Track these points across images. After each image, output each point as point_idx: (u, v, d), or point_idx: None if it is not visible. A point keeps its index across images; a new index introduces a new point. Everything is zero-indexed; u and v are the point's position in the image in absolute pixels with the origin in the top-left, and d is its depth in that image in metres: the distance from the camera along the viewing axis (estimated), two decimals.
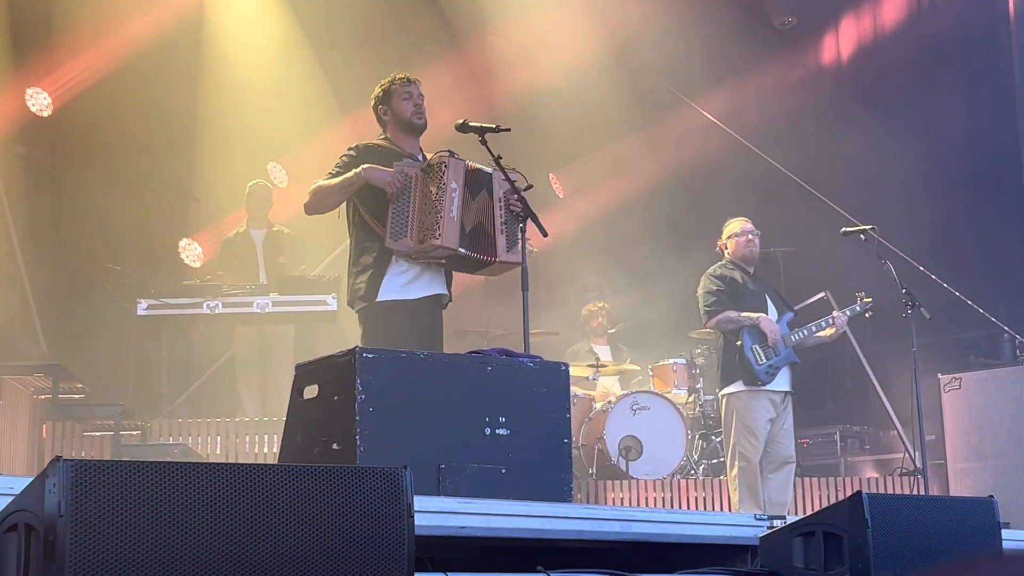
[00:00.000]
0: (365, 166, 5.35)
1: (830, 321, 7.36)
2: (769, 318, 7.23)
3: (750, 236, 7.45)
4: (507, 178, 5.37)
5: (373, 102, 5.67)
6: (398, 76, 5.67)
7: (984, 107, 10.38)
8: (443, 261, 5.45)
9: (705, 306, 7.36)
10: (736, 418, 7.21)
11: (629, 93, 11.00)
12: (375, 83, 5.78)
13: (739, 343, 7.18)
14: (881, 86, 10.78)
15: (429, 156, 5.53)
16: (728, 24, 10.87)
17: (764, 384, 7.14)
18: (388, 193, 5.30)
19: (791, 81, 11.40)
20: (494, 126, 5.49)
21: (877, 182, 10.10)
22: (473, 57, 10.64)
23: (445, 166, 5.30)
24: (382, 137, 5.65)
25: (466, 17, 10.60)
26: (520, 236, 5.39)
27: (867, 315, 7.48)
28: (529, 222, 5.37)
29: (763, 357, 7.14)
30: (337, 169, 5.44)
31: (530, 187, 5.43)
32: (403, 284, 5.40)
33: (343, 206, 5.53)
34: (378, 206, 5.38)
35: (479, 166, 5.45)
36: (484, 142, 5.43)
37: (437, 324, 5.55)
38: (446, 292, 5.58)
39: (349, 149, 5.53)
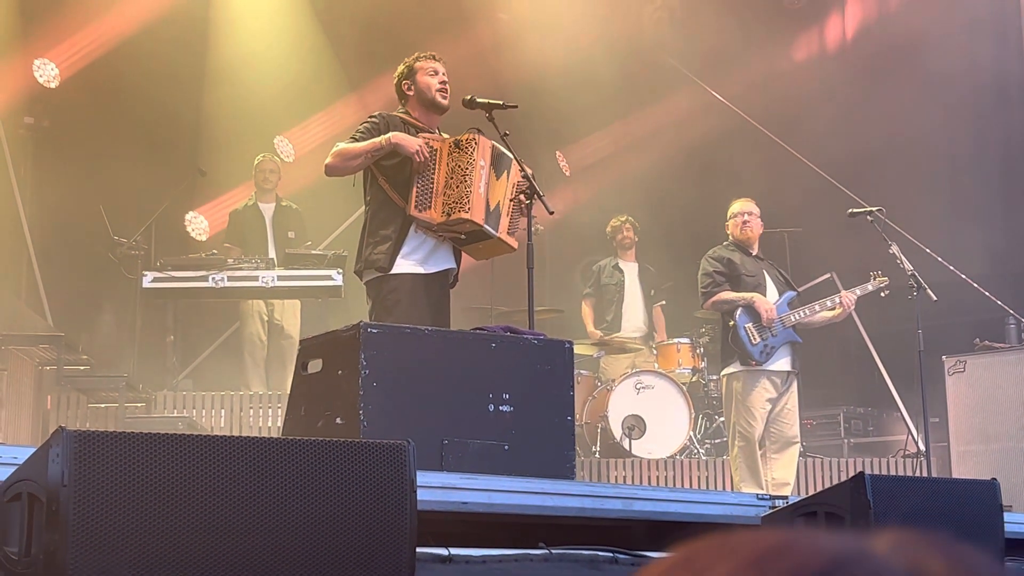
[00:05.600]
0: (394, 133, 5.32)
1: (837, 300, 7.33)
2: (764, 298, 7.21)
3: (745, 217, 7.43)
4: (520, 166, 5.39)
5: (396, 78, 5.60)
6: (424, 53, 5.62)
7: (993, 87, 10.33)
8: (463, 236, 5.42)
9: (702, 288, 7.37)
10: (735, 398, 7.21)
11: (637, 71, 10.96)
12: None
13: (732, 323, 7.18)
14: (889, 66, 10.72)
15: (446, 135, 5.52)
16: (738, 3, 10.82)
17: (760, 364, 7.11)
18: (415, 163, 5.29)
19: (800, 61, 11.35)
20: (501, 103, 5.50)
21: (884, 163, 10.07)
22: (482, 33, 10.60)
23: (475, 142, 5.30)
24: (403, 111, 5.62)
25: None
26: (526, 218, 5.42)
27: (883, 294, 7.45)
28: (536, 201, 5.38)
29: (757, 336, 7.12)
30: (360, 134, 5.37)
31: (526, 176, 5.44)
32: (420, 258, 5.37)
33: (359, 174, 5.51)
34: (398, 175, 5.36)
35: (502, 148, 5.45)
36: (491, 119, 5.44)
37: (446, 300, 5.52)
38: (456, 267, 5.58)
39: (372, 116, 5.48)
